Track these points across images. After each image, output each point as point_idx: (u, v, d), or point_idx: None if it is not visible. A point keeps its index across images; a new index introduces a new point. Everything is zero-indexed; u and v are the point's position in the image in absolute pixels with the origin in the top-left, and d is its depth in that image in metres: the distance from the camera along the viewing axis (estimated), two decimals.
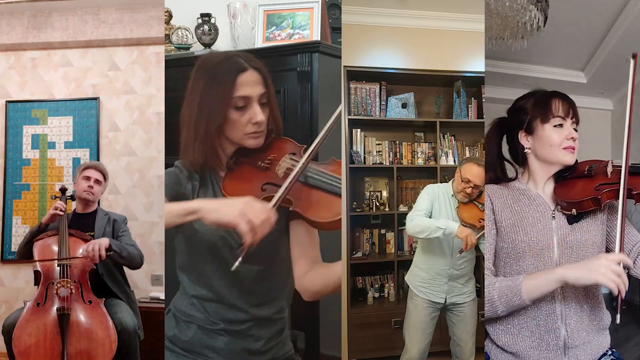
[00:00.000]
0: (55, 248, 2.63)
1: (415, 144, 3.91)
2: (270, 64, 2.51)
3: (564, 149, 1.56)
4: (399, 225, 3.74)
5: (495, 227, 1.61)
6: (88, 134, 3.72)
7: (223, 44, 2.94)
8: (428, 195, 2.62)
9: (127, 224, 2.94)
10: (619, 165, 1.51)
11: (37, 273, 2.62)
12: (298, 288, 1.45)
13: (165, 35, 3.04)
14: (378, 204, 3.87)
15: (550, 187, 1.63)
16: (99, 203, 3.12)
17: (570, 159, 1.58)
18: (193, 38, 2.96)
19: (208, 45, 2.91)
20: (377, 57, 3.67)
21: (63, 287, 2.51)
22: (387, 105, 3.78)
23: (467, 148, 3.95)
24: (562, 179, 1.61)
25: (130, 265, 2.80)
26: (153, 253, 3.52)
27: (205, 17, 2.90)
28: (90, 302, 2.56)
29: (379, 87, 3.79)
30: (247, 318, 1.48)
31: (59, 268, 2.56)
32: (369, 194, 3.90)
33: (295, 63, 2.48)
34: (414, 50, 3.70)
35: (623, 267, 1.38)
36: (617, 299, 1.38)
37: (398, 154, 3.90)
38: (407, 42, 3.70)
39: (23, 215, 3.74)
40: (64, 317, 2.45)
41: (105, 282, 2.74)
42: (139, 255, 2.78)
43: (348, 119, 3.62)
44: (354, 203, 3.77)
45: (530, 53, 3.95)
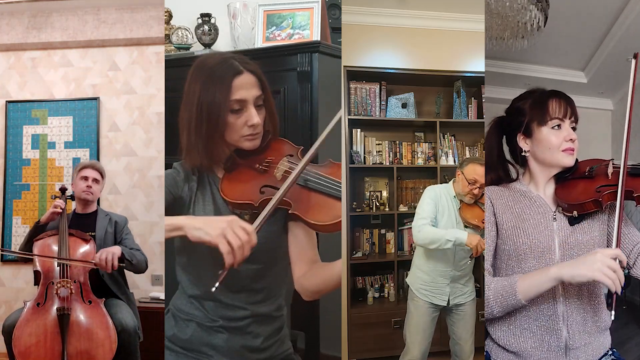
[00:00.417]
0: (55, 248, 2.63)
1: (415, 144, 3.91)
2: (270, 64, 2.55)
3: (563, 151, 1.55)
4: (399, 225, 3.74)
5: (496, 228, 1.60)
6: (88, 134, 3.72)
7: (223, 44, 2.93)
8: (431, 199, 2.57)
9: (128, 226, 2.94)
10: (619, 166, 1.50)
11: (37, 273, 2.62)
12: (297, 288, 1.46)
13: (165, 35, 3.04)
14: (378, 204, 3.87)
15: (551, 188, 1.62)
16: (99, 203, 3.12)
17: (570, 161, 1.56)
18: (193, 38, 2.96)
19: (208, 45, 2.91)
20: (377, 57, 3.67)
21: (63, 287, 2.51)
22: (387, 105, 3.78)
23: (467, 148, 3.95)
24: (563, 180, 1.60)
25: (137, 272, 2.81)
26: (153, 253, 3.52)
27: (205, 17, 2.90)
28: (90, 302, 2.56)
29: (379, 87, 3.78)
30: (245, 315, 1.49)
31: (59, 268, 2.56)
32: (369, 194, 3.90)
33: (295, 63, 2.48)
34: (414, 50, 3.70)
35: (619, 263, 1.37)
36: (612, 295, 1.38)
37: (398, 154, 3.90)
38: (407, 42, 3.70)
39: (23, 215, 3.74)
40: (64, 317, 2.45)
41: (105, 282, 2.74)
42: (145, 261, 2.79)
43: (348, 119, 3.62)
44: (354, 203, 3.77)
45: (531, 53, 3.95)
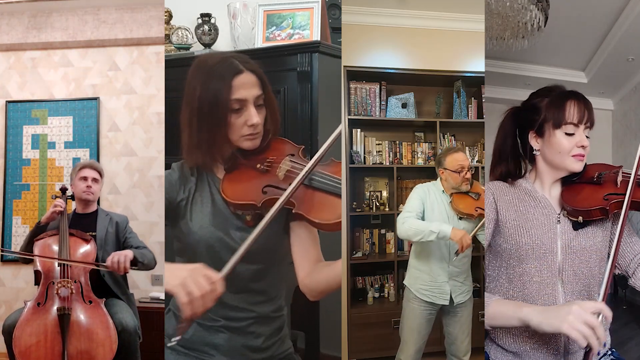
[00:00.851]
0: (56, 248, 2.63)
1: (415, 144, 3.91)
2: (270, 64, 2.55)
3: (573, 157, 1.51)
4: None
5: (496, 225, 1.57)
6: (88, 134, 3.72)
7: (223, 44, 2.94)
8: (418, 195, 2.57)
9: (129, 224, 2.94)
10: (629, 174, 1.47)
11: (37, 273, 2.62)
12: (302, 289, 1.45)
13: (165, 35, 3.04)
14: (378, 204, 3.87)
15: (558, 189, 1.59)
16: (99, 203, 3.11)
17: (579, 167, 1.53)
18: (193, 38, 2.96)
19: (208, 45, 2.91)
20: (377, 57, 3.67)
21: (63, 287, 2.51)
22: (387, 105, 3.78)
23: (467, 148, 3.95)
24: (570, 183, 1.57)
25: (147, 269, 2.80)
26: (153, 253, 3.51)
27: (205, 17, 2.90)
28: (91, 302, 2.55)
29: (379, 87, 3.79)
30: (246, 316, 1.48)
31: (59, 268, 2.56)
32: (369, 194, 3.90)
33: (295, 63, 2.48)
34: (414, 50, 3.70)
35: (602, 318, 1.26)
36: (587, 353, 1.28)
37: (398, 154, 3.90)
38: (407, 42, 3.70)
39: (23, 215, 3.74)
40: (65, 317, 2.45)
41: (106, 282, 2.74)
42: (153, 257, 2.81)
43: (348, 119, 3.62)
44: (354, 203, 3.77)
45: (531, 53, 3.95)
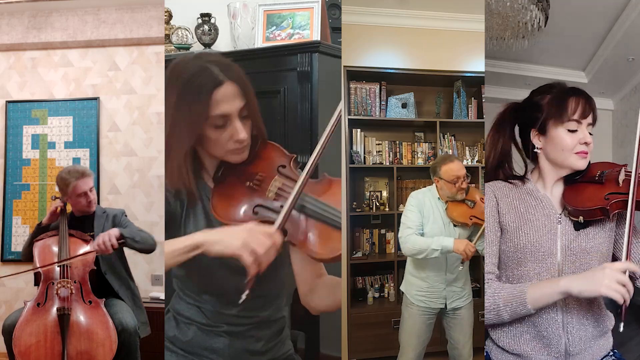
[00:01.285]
0: (55, 249, 2.63)
1: (415, 144, 3.91)
2: (270, 64, 2.55)
3: (576, 154, 1.50)
4: (399, 226, 3.73)
5: (500, 227, 1.55)
6: (88, 134, 3.71)
7: (223, 44, 2.93)
8: (415, 207, 2.55)
9: (126, 216, 2.91)
10: (632, 173, 1.45)
11: (37, 273, 2.62)
12: (305, 305, 1.42)
13: (165, 35, 3.03)
14: (378, 204, 3.87)
15: (560, 189, 1.57)
16: (98, 202, 3.11)
17: (582, 164, 1.51)
18: (193, 38, 2.96)
19: (208, 45, 2.91)
20: (377, 57, 3.67)
21: (63, 287, 2.51)
22: (387, 105, 3.78)
23: (467, 148, 3.95)
24: (572, 182, 1.55)
25: (146, 249, 2.74)
26: (153, 253, 3.50)
27: (205, 17, 2.90)
28: (91, 302, 2.55)
29: (379, 87, 3.78)
30: (247, 321, 1.47)
31: (59, 268, 2.56)
32: (369, 194, 3.90)
33: (295, 63, 2.48)
34: (414, 50, 3.70)
35: (629, 275, 1.35)
36: (621, 307, 1.35)
37: (398, 154, 3.90)
38: (407, 42, 3.70)
39: (23, 215, 3.73)
40: (65, 317, 2.45)
41: (107, 281, 2.73)
42: (151, 237, 2.74)
43: (348, 119, 3.62)
44: (354, 203, 3.77)
45: (531, 53, 3.94)
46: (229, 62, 1.33)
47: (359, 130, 3.81)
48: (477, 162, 3.90)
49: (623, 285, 1.32)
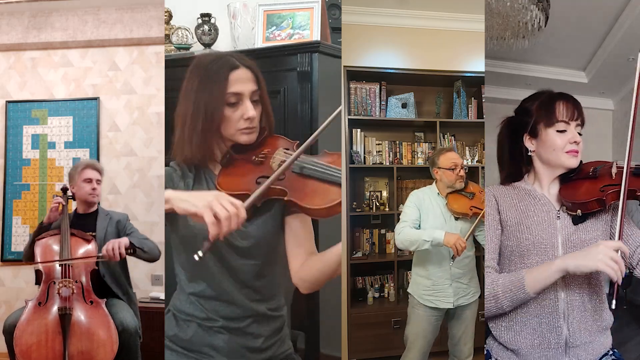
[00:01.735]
0: (57, 248, 2.63)
1: (415, 144, 3.91)
2: (270, 64, 2.54)
3: (567, 153, 1.58)
4: None
5: (500, 226, 1.62)
6: (88, 134, 3.72)
7: (223, 44, 2.93)
8: (413, 204, 2.60)
9: (130, 221, 2.93)
10: (622, 167, 1.52)
11: (38, 272, 2.62)
12: (295, 282, 1.45)
13: (165, 35, 3.04)
14: (378, 204, 3.87)
15: (556, 187, 1.65)
16: (99, 202, 3.11)
17: (574, 163, 1.59)
18: (193, 38, 2.96)
19: (208, 45, 2.91)
20: (377, 57, 3.67)
21: (65, 286, 2.51)
22: (387, 105, 3.78)
23: (467, 148, 3.95)
24: (567, 180, 1.63)
25: (152, 259, 2.78)
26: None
27: (205, 17, 2.90)
28: (92, 302, 2.56)
29: (379, 87, 3.78)
30: (245, 314, 1.49)
31: (61, 268, 2.56)
32: (369, 194, 3.90)
33: (295, 63, 2.48)
34: (414, 50, 3.70)
35: (621, 254, 1.41)
36: (613, 286, 1.41)
37: (398, 154, 3.90)
38: (407, 42, 3.70)
39: (23, 215, 3.74)
40: (66, 317, 2.45)
41: (106, 282, 2.74)
42: (157, 246, 2.78)
43: (348, 119, 3.62)
44: (354, 203, 3.77)
45: (531, 53, 3.94)
46: (244, 55, 1.50)
47: (359, 130, 3.81)
48: (477, 162, 3.90)
49: (616, 262, 1.38)
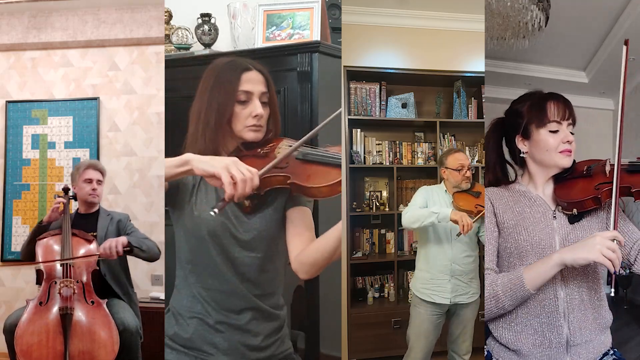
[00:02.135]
0: (58, 248, 2.63)
1: (415, 144, 3.91)
2: (270, 64, 2.52)
3: (560, 153, 1.58)
4: (399, 225, 3.73)
5: (497, 228, 1.63)
6: (88, 134, 3.72)
7: (223, 44, 2.93)
8: (422, 194, 2.67)
9: (131, 221, 2.93)
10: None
11: (39, 272, 2.62)
12: (295, 267, 1.46)
13: (165, 35, 3.04)
14: (378, 204, 3.87)
15: (550, 188, 1.65)
16: (100, 202, 3.11)
17: (567, 162, 1.60)
18: (193, 38, 2.96)
19: (208, 45, 2.91)
20: (377, 57, 3.67)
21: (66, 286, 2.50)
22: (387, 105, 3.78)
23: (467, 148, 3.95)
24: (561, 180, 1.63)
25: (151, 258, 2.77)
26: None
27: (205, 17, 2.90)
28: (93, 302, 2.55)
29: (379, 87, 3.79)
30: (246, 306, 1.50)
31: (62, 268, 2.56)
32: (369, 194, 3.90)
33: (295, 63, 2.48)
34: (414, 50, 3.70)
35: (617, 242, 1.42)
36: (611, 275, 1.42)
37: (398, 154, 3.90)
38: (407, 42, 3.70)
39: (23, 215, 3.74)
40: (67, 316, 2.45)
41: (108, 282, 2.74)
42: (156, 246, 2.77)
43: (348, 119, 3.62)
44: (354, 203, 3.77)
45: (532, 53, 3.95)
46: (257, 61, 1.61)
47: (359, 130, 3.82)
48: (477, 162, 3.90)
49: (612, 252, 1.39)
